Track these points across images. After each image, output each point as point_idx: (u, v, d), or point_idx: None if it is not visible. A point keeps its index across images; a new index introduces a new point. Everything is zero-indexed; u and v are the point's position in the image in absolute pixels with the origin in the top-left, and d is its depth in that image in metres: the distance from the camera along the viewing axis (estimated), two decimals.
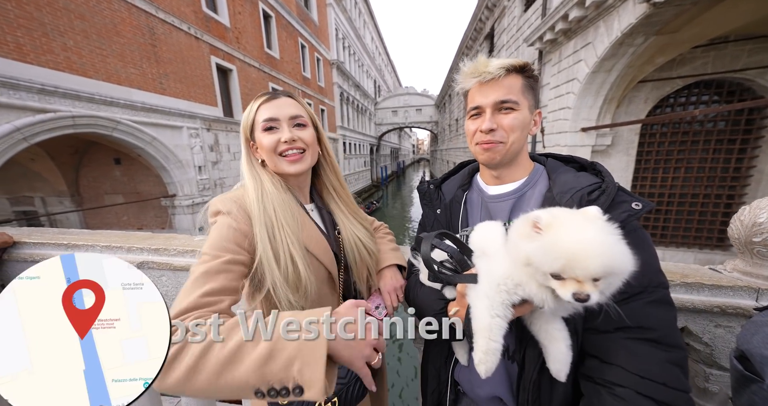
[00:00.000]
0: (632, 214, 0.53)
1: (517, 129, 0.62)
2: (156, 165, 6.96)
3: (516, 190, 0.66)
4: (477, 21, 12.01)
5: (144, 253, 1.12)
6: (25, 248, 1.14)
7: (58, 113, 4.82)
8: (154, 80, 6.62)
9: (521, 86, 0.62)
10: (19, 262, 1.15)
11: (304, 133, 0.74)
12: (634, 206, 0.54)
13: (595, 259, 0.38)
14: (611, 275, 0.40)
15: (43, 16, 4.67)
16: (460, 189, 0.77)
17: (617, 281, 0.42)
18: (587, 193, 0.57)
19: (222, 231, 0.62)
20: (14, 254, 1.13)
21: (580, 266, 0.38)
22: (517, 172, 0.68)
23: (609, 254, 0.39)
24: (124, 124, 5.86)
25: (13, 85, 4.28)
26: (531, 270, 0.44)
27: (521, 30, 7.91)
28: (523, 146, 0.66)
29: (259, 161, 0.75)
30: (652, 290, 0.52)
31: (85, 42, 5.26)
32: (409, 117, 33.50)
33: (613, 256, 0.39)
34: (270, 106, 0.72)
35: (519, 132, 0.63)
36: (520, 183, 0.67)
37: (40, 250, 1.13)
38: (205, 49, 8.11)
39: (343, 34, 20.46)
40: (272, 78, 11.68)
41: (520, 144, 0.64)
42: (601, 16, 4.55)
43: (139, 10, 6.21)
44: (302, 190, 0.80)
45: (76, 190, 7.97)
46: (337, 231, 0.80)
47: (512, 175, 0.68)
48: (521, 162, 0.68)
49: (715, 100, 5.10)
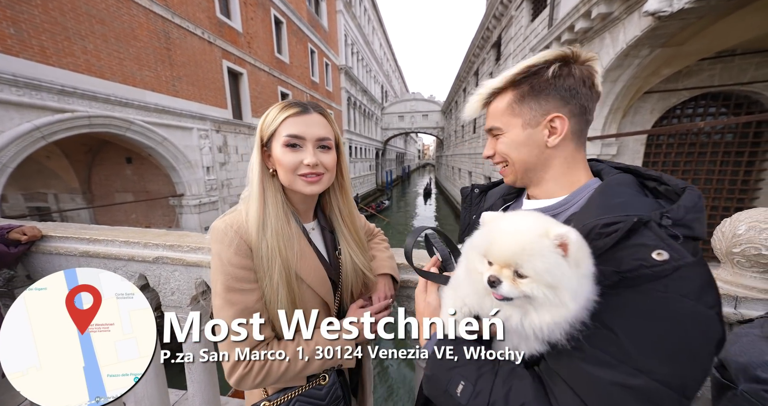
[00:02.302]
0: (645, 265, 0.37)
1: (512, 149, 0.55)
2: (166, 165, 7.13)
3: (547, 208, 0.54)
4: (484, 29, 12.16)
5: (159, 248, 1.18)
6: (51, 242, 1.22)
7: (75, 113, 5.01)
8: (168, 83, 6.84)
9: (505, 107, 0.54)
10: (45, 254, 1.22)
11: (327, 157, 0.69)
12: (654, 256, 0.37)
13: (503, 244, 0.40)
14: (519, 264, 0.40)
15: (66, 21, 4.89)
16: (501, 199, 0.68)
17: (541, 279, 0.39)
18: (601, 225, 0.41)
19: (227, 269, 0.62)
20: (41, 247, 1.21)
21: (495, 248, 0.42)
22: (553, 189, 0.55)
23: (516, 240, 0.40)
24: (137, 125, 6.04)
25: (35, 86, 4.47)
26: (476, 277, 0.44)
27: (528, 39, 8.00)
28: (542, 162, 0.54)
29: (270, 171, 0.70)
30: (615, 366, 0.37)
31: (104, 45, 5.48)
32: (416, 122, 33.70)
33: (520, 244, 0.39)
34: (298, 122, 0.66)
35: (517, 151, 0.55)
36: (555, 201, 0.54)
37: (64, 243, 1.21)
38: (217, 53, 8.35)
39: (352, 40, 20.82)
40: (282, 82, 11.93)
41: (533, 160, 0.54)
42: (606, 27, 4.60)
43: (156, 16, 6.45)
44: (308, 207, 0.78)
45: (88, 188, 8.19)
46: (337, 252, 0.78)
47: (547, 192, 0.56)
48: (556, 177, 0.54)
49: (723, 112, 5.09)
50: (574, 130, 0.52)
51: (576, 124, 0.51)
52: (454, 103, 23.13)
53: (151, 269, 1.19)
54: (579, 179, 0.54)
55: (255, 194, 0.68)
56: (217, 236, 0.64)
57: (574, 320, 0.39)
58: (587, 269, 0.39)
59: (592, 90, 0.51)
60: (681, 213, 0.39)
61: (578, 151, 0.54)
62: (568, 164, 0.53)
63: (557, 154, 0.53)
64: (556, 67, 0.50)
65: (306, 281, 0.69)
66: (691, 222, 0.39)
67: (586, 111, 0.51)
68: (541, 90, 0.51)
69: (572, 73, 0.50)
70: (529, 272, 0.39)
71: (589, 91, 0.51)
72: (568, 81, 0.50)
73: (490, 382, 0.44)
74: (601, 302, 0.39)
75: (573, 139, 0.52)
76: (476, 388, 0.45)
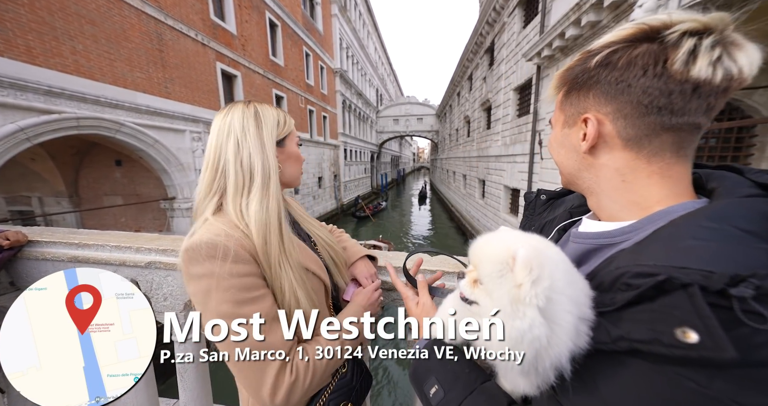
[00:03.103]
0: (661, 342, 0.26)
1: (554, 149, 0.48)
2: (157, 167, 7.00)
3: (601, 234, 0.42)
4: (478, 35, 12.39)
5: (152, 253, 1.15)
6: (37, 247, 1.17)
7: (63, 114, 4.88)
8: (160, 84, 6.73)
9: (560, 101, 0.45)
10: (31, 259, 1.17)
11: None
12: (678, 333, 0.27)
13: (477, 248, 0.41)
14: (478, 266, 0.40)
15: (54, 21, 4.79)
16: (568, 211, 0.55)
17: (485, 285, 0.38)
18: (632, 274, 0.30)
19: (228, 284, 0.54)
20: (27, 252, 1.16)
21: (472, 250, 0.43)
22: (612, 209, 0.42)
23: (486, 247, 0.40)
24: (127, 127, 5.92)
25: (20, 86, 4.35)
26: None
27: (520, 45, 8.18)
28: (584, 169, 0.43)
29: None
30: None
31: (94, 46, 5.37)
32: (410, 126, 33.96)
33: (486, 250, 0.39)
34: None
35: (557, 152, 0.47)
36: (615, 227, 0.41)
37: (52, 248, 1.16)
38: (211, 55, 8.28)
39: (347, 44, 20.95)
40: (276, 85, 11.89)
41: (572, 166, 0.45)
42: (596, 35, 4.74)
43: (148, 17, 6.37)
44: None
45: (75, 191, 7.95)
46: (312, 241, 0.78)
47: (608, 212, 0.43)
48: (609, 194, 0.42)
49: None
50: (627, 135, 0.38)
51: (631, 127, 0.37)
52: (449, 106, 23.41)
53: (143, 274, 1.15)
54: (647, 200, 0.38)
55: (269, 192, 0.63)
56: (204, 252, 0.54)
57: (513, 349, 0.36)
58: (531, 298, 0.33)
59: (662, 77, 0.33)
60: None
61: (648, 161, 0.38)
62: (623, 178, 0.39)
63: (603, 163, 0.40)
64: (606, 53, 0.37)
65: (312, 271, 0.69)
66: None
67: (651, 109, 0.35)
68: (583, 83, 0.40)
69: (630, 59, 0.35)
70: (482, 277, 0.39)
71: (653, 80, 0.34)
72: (616, 72, 0.36)
73: (462, 395, 0.43)
74: (600, 364, 0.32)
75: (629, 147, 0.38)
76: (447, 396, 0.44)
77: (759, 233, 0.29)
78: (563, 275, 0.35)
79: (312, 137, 15.16)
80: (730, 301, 0.25)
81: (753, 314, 0.24)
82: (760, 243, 0.28)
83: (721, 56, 0.31)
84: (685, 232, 0.31)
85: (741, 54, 0.32)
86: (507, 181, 9.26)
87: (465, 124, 16.58)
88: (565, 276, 0.35)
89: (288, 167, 0.71)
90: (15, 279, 1.22)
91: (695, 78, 0.32)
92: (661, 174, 0.38)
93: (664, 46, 0.33)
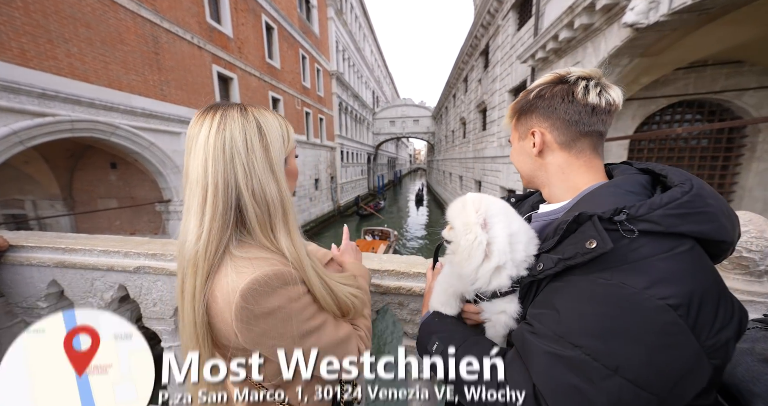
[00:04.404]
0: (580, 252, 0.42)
1: (515, 158, 0.66)
2: (152, 170, 6.95)
3: (551, 212, 0.58)
4: (473, 38, 12.49)
5: (141, 258, 1.14)
6: (21, 252, 1.16)
7: (57, 117, 4.84)
8: (155, 87, 6.71)
9: (514, 125, 0.64)
10: (15, 265, 1.16)
11: None
12: (587, 244, 0.42)
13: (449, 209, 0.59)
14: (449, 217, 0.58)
15: (49, 24, 4.76)
16: (530, 205, 0.70)
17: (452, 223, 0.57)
18: (562, 222, 0.48)
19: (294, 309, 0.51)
20: (10, 258, 1.15)
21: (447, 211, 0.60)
22: (557, 194, 0.59)
23: (450, 206, 0.59)
24: (122, 129, 5.88)
25: (14, 89, 4.31)
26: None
27: (515, 47, 8.26)
28: (537, 168, 0.61)
29: None
30: (555, 340, 0.41)
31: (89, 49, 5.34)
32: (407, 127, 34.05)
33: (450, 207, 0.58)
34: None
35: (517, 160, 0.65)
36: (559, 205, 0.57)
37: (37, 253, 1.15)
38: (207, 58, 8.27)
39: (343, 47, 21.02)
40: (273, 87, 11.89)
41: (529, 167, 0.63)
42: (588, 37, 4.80)
43: (144, 20, 6.36)
44: None
45: (69, 194, 7.87)
46: None
47: (555, 196, 0.60)
48: (555, 183, 0.59)
49: (698, 118, 5.35)
50: (561, 140, 0.56)
51: (561, 135, 0.56)
52: (444, 108, 23.52)
53: (132, 279, 1.14)
54: (578, 184, 0.56)
55: (289, 226, 0.56)
56: (276, 282, 0.49)
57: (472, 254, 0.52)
58: (474, 219, 0.53)
59: (573, 103, 0.54)
60: (644, 209, 0.42)
61: (576, 157, 0.56)
62: (562, 171, 0.58)
63: (549, 161, 0.59)
64: (538, 90, 0.57)
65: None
66: (659, 218, 0.41)
67: (571, 123, 0.54)
68: (526, 110, 0.60)
69: (553, 92, 0.55)
70: (449, 221, 0.58)
71: (569, 105, 0.54)
72: (545, 101, 0.56)
73: (457, 344, 0.55)
74: (553, 287, 0.47)
75: (563, 148, 0.57)
76: (445, 346, 0.55)
77: (635, 191, 0.49)
78: (500, 210, 0.55)
79: (309, 139, 15.15)
80: (616, 225, 0.43)
81: (628, 231, 0.42)
82: (635, 196, 0.48)
83: (601, 91, 0.53)
84: (596, 195, 0.51)
85: (612, 91, 0.53)
86: (503, 182, 9.31)
87: (461, 125, 16.66)
88: (501, 210, 0.55)
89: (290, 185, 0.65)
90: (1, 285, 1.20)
91: (591, 103, 0.53)
92: (586, 166, 0.56)
93: (569, 84, 0.55)
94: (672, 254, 0.41)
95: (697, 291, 0.38)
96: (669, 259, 0.40)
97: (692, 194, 0.43)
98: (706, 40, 4.08)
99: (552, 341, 0.41)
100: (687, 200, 0.42)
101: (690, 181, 0.45)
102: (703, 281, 0.40)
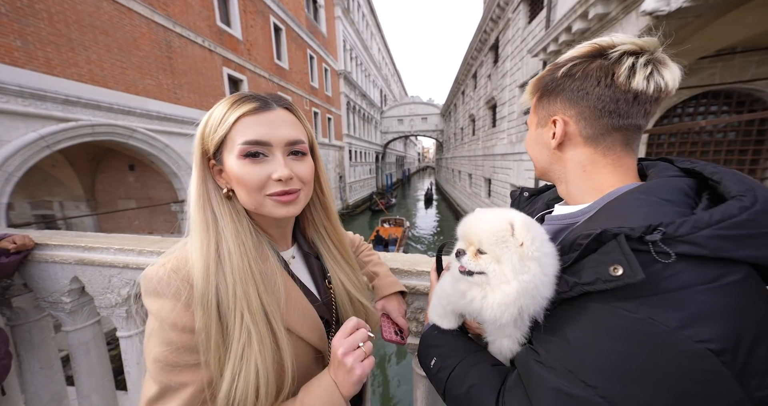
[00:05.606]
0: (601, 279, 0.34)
1: (529, 146, 0.57)
2: (168, 171, 7.19)
3: (568, 215, 0.49)
4: (482, 32, 12.24)
5: (154, 256, 1.18)
6: (46, 250, 1.22)
7: (79, 122, 5.08)
8: (169, 90, 6.93)
9: (534, 104, 0.54)
10: (41, 262, 1.22)
11: (303, 166, 0.53)
12: (611, 270, 0.34)
13: (472, 225, 0.47)
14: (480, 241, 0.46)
15: (71, 33, 4.99)
16: (545, 203, 0.63)
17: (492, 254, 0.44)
18: (582, 236, 0.39)
19: (168, 336, 0.43)
20: (37, 255, 1.21)
21: (466, 229, 0.48)
22: (576, 194, 0.50)
23: (481, 222, 0.46)
24: (139, 133, 6.11)
25: (40, 96, 4.55)
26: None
27: (525, 41, 8.04)
28: (554, 163, 0.52)
29: (222, 192, 0.51)
30: (565, 374, 0.35)
31: (107, 55, 5.57)
32: (415, 126, 33.85)
33: (483, 225, 0.46)
34: (259, 122, 0.49)
35: (531, 149, 0.56)
36: (578, 208, 0.48)
37: (60, 251, 1.21)
38: (217, 60, 8.47)
39: (351, 46, 21.06)
40: (281, 88, 12.06)
41: (544, 160, 0.53)
42: (604, 28, 4.61)
43: (157, 25, 6.57)
44: (285, 232, 0.60)
45: (92, 195, 8.26)
46: (327, 281, 0.63)
47: (573, 197, 0.50)
48: (574, 182, 0.49)
49: (724, 110, 5.05)
50: (587, 134, 0.46)
51: (589, 127, 0.45)
52: (453, 105, 23.21)
53: None
54: (602, 185, 0.46)
55: (198, 228, 0.48)
56: (155, 287, 0.45)
57: (519, 302, 0.41)
58: (533, 251, 0.41)
59: (611, 87, 0.42)
60: (685, 228, 0.33)
61: (603, 155, 0.46)
62: (584, 168, 0.48)
63: (569, 157, 0.49)
64: (570, 66, 0.46)
65: (296, 332, 0.51)
66: (704, 240, 0.32)
67: (603, 113, 0.44)
68: (551, 90, 0.49)
69: (587, 71, 0.44)
70: (486, 247, 0.44)
71: (604, 89, 0.43)
72: (577, 82, 0.45)
73: (455, 361, 0.51)
74: (565, 312, 0.39)
75: (589, 144, 0.46)
76: (443, 364, 0.52)
77: (674, 200, 0.39)
78: (544, 237, 0.44)
79: (317, 139, 15.32)
80: (648, 246, 0.34)
81: (663, 254, 0.33)
82: (673, 206, 0.38)
83: (652, 72, 0.41)
84: (623, 203, 0.41)
85: (666, 71, 0.41)
86: (513, 180, 9.11)
87: (470, 122, 16.41)
88: (544, 237, 0.44)
89: (239, 194, 0.51)
90: (28, 281, 1.27)
91: (635, 89, 0.41)
92: (614, 165, 0.47)
93: (609, 62, 0.43)
94: (718, 285, 0.32)
95: (748, 331, 0.30)
96: (713, 291, 0.32)
97: (754, 212, 0.33)
98: (736, 26, 3.83)
99: (561, 375, 0.35)
100: (747, 219, 0.32)
101: (752, 193, 0.34)
102: (758, 319, 0.31)
